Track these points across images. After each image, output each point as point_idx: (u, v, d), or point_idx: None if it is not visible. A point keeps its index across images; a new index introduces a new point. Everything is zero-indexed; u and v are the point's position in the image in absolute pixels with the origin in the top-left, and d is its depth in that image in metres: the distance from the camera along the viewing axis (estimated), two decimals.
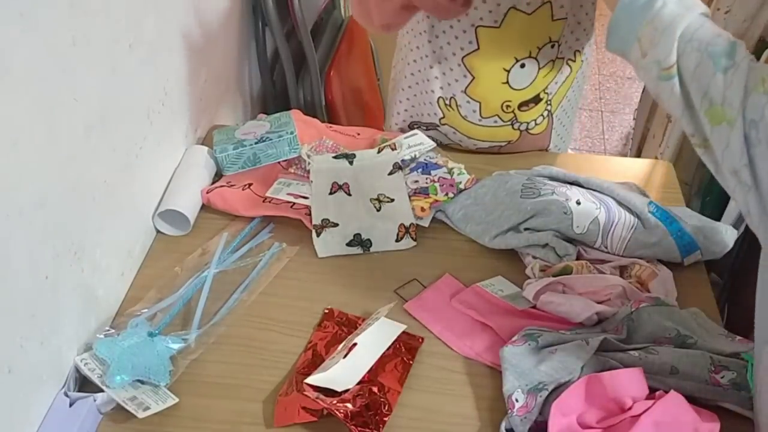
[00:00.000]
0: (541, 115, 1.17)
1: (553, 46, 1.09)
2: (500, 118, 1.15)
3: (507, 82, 1.10)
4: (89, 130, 0.83)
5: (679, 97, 0.66)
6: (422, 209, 1.05)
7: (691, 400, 0.76)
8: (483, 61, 1.09)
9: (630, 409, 0.74)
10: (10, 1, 0.66)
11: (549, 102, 1.16)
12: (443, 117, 1.18)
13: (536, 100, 1.14)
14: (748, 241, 1.25)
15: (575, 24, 1.09)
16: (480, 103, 1.13)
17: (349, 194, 1.08)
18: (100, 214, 0.87)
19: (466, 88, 1.12)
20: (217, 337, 0.90)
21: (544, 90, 1.14)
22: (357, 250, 1.03)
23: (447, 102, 1.16)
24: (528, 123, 1.17)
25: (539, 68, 1.10)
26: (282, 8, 1.45)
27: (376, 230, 1.03)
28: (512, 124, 1.16)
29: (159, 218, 1.04)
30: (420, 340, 0.90)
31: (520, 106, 1.14)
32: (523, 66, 1.09)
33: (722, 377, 0.78)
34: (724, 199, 1.48)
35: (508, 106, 1.13)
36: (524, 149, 1.21)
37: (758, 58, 1.21)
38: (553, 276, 0.93)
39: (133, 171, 0.96)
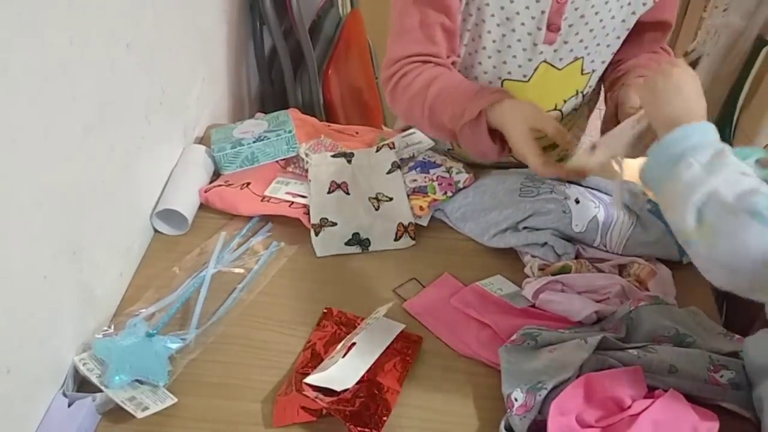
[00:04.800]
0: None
1: (577, 96, 1.08)
2: None
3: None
4: (87, 130, 0.83)
5: (707, 257, 0.65)
6: (421, 208, 1.05)
7: (690, 399, 0.76)
8: None
9: (629, 408, 0.74)
10: (8, 0, 0.66)
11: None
12: (452, 149, 1.18)
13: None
14: None
15: (599, 73, 1.08)
16: None
17: (348, 193, 1.08)
18: (98, 213, 0.87)
19: None
20: (215, 336, 0.90)
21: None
22: (356, 249, 1.03)
23: None
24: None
25: (563, 117, 1.09)
26: (280, 7, 1.45)
27: (375, 229, 1.03)
28: None
29: (157, 218, 1.04)
30: (419, 339, 0.90)
31: (544, 148, 1.13)
32: None
33: (721, 376, 0.78)
34: None
35: None
36: None
37: (756, 57, 1.22)
38: (552, 275, 0.93)
39: (131, 170, 0.96)
